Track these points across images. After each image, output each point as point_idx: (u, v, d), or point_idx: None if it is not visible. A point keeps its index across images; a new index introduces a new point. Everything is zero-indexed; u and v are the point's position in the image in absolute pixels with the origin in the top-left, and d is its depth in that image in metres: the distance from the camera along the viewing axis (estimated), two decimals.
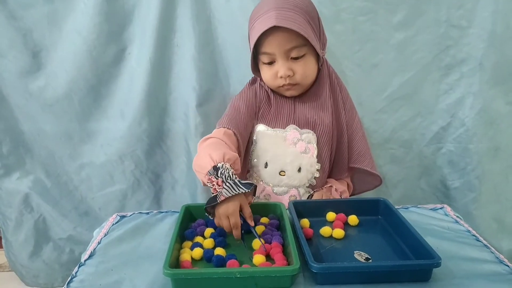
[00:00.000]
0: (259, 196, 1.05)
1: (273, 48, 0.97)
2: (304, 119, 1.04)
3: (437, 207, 0.98)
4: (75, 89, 1.28)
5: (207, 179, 0.85)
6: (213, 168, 0.84)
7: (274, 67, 1.00)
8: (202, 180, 0.90)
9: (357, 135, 1.10)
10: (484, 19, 1.19)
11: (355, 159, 1.10)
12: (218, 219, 0.82)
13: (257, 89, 1.08)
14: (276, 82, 1.02)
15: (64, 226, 1.42)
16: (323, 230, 0.84)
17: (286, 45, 0.96)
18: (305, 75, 1.01)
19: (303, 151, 1.03)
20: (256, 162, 1.05)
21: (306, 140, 1.04)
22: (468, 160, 1.30)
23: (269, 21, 0.93)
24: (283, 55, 0.98)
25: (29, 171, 1.38)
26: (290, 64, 0.99)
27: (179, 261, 0.74)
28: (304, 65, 0.99)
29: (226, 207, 0.80)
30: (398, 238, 0.81)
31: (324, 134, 1.05)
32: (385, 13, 1.21)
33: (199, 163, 0.92)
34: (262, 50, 0.98)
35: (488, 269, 0.74)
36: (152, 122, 1.31)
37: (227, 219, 0.81)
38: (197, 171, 0.92)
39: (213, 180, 0.83)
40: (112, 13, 1.21)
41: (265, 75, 1.03)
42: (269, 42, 0.96)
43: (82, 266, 0.78)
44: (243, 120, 1.03)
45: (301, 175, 1.04)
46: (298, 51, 0.97)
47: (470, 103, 1.26)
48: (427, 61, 1.26)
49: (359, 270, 0.69)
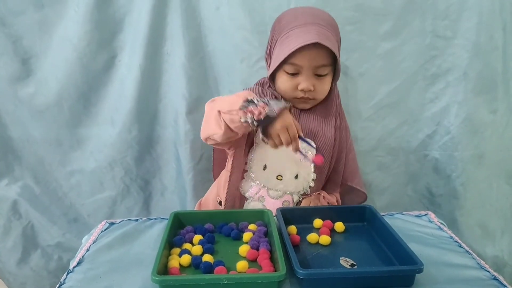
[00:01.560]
0: (253, 197, 1.06)
1: (303, 62, 0.98)
2: (307, 129, 1.06)
3: (422, 213, 1.00)
4: (65, 96, 1.28)
5: (241, 113, 0.84)
6: (246, 101, 0.85)
7: (297, 79, 1.01)
8: (231, 120, 0.88)
9: (350, 154, 1.15)
10: (468, 30, 1.22)
11: (347, 176, 1.14)
12: (276, 136, 0.85)
13: (267, 92, 1.08)
14: (294, 93, 1.03)
15: (53, 232, 1.41)
16: (310, 237, 0.86)
17: (317, 62, 0.98)
18: (322, 93, 1.04)
19: (303, 159, 1.05)
20: (255, 163, 1.06)
21: (307, 149, 1.05)
22: (453, 168, 1.32)
23: (311, 35, 0.94)
24: (310, 70, 0.99)
25: (17, 178, 1.37)
26: (313, 80, 1.00)
27: (167, 268, 0.75)
28: (324, 83, 1.03)
29: (282, 120, 0.84)
30: (383, 244, 0.83)
31: (325, 146, 1.06)
32: (372, 23, 1.23)
33: (223, 106, 0.90)
34: (291, 61, 0.98)
35: (469, 275, 0.76)
36: (142, 129, 1.32)
37: (286, 132, 0.84)
38: (226, 111, 0.88)
39: (252, 109, 0.84)
40: (102, 21, 1.22)
41: (284, 84, 1.03)
42: (303, 55, 0.96)
43: (71, 273, 0.78)
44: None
45: (298, 182, 1.06)
46: (324, 70, 1.00)
47: (455, 112, 1.29)
48: (413, 71, 1.28)
49: (344, 276, 0.71)
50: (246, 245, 0.82)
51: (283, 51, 0.98)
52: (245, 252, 0.80)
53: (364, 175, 1.37)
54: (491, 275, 0.75)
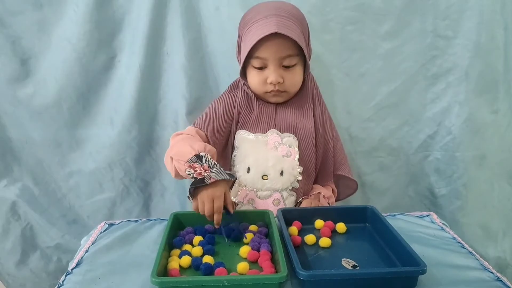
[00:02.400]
0: (243, 201, 1.06)
1: (267, 54, 0.98)
2: (285, 123, 1.06)
3: (424, 214, 0.99)
4: (64, 97, 1.27)
5: (187, 165, 0.85)
6: (196, 156, 0.86)
7: (264, 72, 1.01)
8: (178, 168, 0.91)
9: (337, 144, 1.14)
10: (469, 29, 1.22)
11: (337, 166, 1.14)
12: (201, 203, 0.83)
13: (239, 94, 1.08)
14: (264, 87, 1.03)
15: (52, 234, 1.40)
16: (310, 239, 0.85)
17: (281, 52, 0.97)
18: (294, 84, 1.03)
19: (285, 155, 1.04)
20: (238, 168, 1.06)
21: (287, 143, 1.05)
22: (455, 168, 1.31)
23: (269, 26, 0.94)
24: (276, 62, 0.99)
25: (16, 179, 1.36)
26: (281, 72, 1.00)
27: (167, 269, 0.74)
28: (293, 74, 1.02)
29: (213, 190, 0.82)
30: (385, 245, 0.82)
31: (306, 138, 1.06)
32: (372, 23, 1.23)
33: (177, 151, 0.92)
34: (256, 55, 0.99)
35: (472, 276, 0.75)
36: (141, 129, 1.31)
37: (211, 203, 0.82)
38: (176, 159, 0.91)
39: (196, 166, 0.84)
40: (102, 21, 1.21)
41: (253, 80, 1.04)
42: (266, 47, 0.97)
43: (69, 275, 0.77)
44: (217, 124, 1.04)
45: (284, 179, 1.05)
46: (290, 60, 0.99)
47: (456, 112, 1.28)
48: (414, 71, 1.27)
49: (346, 278, 0.70)
50: (246, 246, 0.81)
51: (246, 45, 0.98)
52: (245, 253, 0.79)
53: (365, 176, 1.36)
54: (494, 276, 0.75)
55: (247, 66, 1.04)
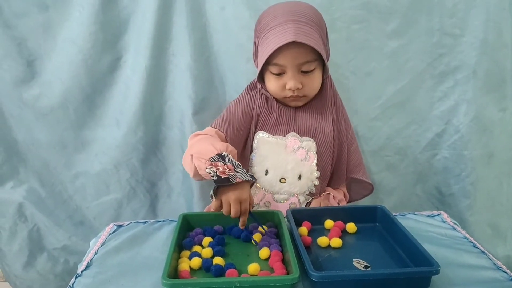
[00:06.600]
0: (259, 204, 1.05)
1: (285, 61, 0.96)
2: (304, 127, 1.05)
3: (434, 213, 0.98)
4: (70, 98, 1.27)
5: (209, 164, 0.84)
6: (218, 155, 0.84)
7: (283, 78, 1.00)
8: (198, 166, 0.89)
9: (352, 146, 1.13)
10: (476, 27, 1.21)
11: (351, 169, 1.12)
12: (226, 204, 0.81)
13: (257, 96, 1.07)
14: (283, 93, 1.02)
15: (59, 236, 1.40)
16: (323, 241, 0.84)
17: (299, 59, 0.96)
18: (313, 88, 1.02)
19: (304, 159, 1.03)
20: (256, 169, 1.05)
21: (306, 147, 1.04)
22: (463, 167, 1.30)
23: (287, 34, 0.92)
24: (294, 68, 0.97)
25: (23, 181, 1.36)
26: (299, 77, 0.99)
27: (177, 271, 0.74)
28: (312, 79, 1.01)
29: (240, 192, 0.81)
30: (396, 245, 0.81)
31: (324, 142, 1.05)
32: (378, 22, 1.22)
33: (198, 149, 0.90)
34: (274, 62, 0.97)
35: (486, 276, 0.74)
36: (147, 130, 1.31)
37: (238, 204, 0.81)
38: (197, 157, 0.89)
39: (219, 165, 0.83)
40: (107, 22, 1.21)
41: (272, 85, 1.02)
42: (283, 55, 0.95)
43: (79, 277, 0.77)
44: (236, 125, 1.04)
45: (302, 183, 1.04)
46: (309, 66, 0.98)
47: (464, 110, 1.28)
48: (420, 69, 1.27)
49: (359, 278, 0.69)
50: (266, 249, 0.79)
51: (263, 53, 0.97)
52: (266, 255, 0.78)
53: (372, 175, 1.36)
54: (508, 276, 0.74)
55: (264, 71, 1.02)
